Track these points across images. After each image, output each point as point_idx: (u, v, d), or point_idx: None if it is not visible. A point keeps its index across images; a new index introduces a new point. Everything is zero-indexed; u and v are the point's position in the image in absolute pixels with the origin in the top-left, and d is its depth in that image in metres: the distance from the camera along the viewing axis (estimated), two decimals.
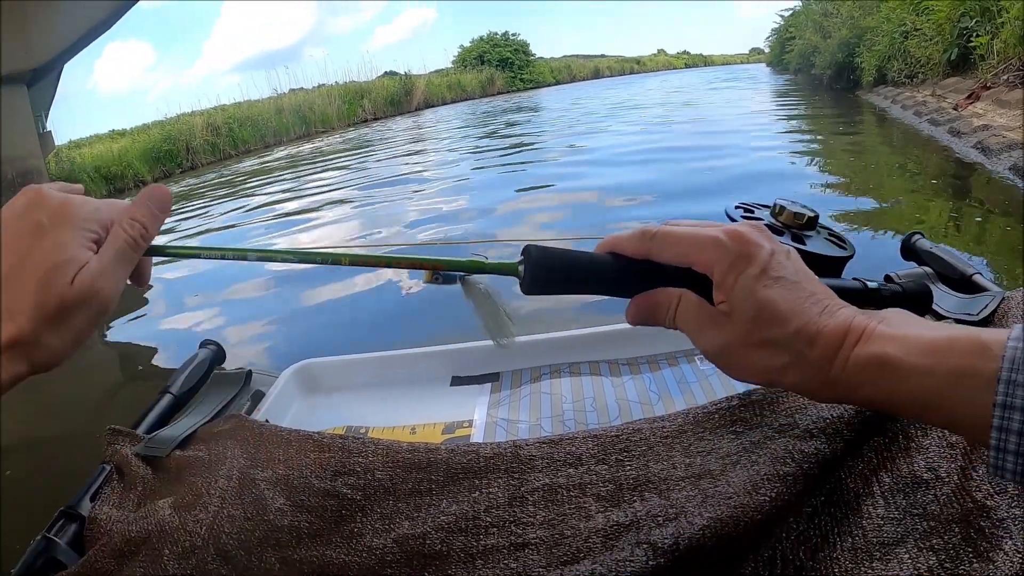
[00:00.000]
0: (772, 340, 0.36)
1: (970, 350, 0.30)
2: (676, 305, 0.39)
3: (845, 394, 0.35)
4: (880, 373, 0.33)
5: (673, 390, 0.71)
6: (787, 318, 0.35)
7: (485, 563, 0.46)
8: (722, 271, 0.37)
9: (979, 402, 0.29)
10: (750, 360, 0.37)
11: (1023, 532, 0.37)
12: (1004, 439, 0.29)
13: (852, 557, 0.42)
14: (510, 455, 0.52)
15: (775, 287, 0.36)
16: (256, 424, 0.63)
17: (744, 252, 0.37)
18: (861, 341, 0.34)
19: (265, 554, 0.52)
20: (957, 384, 0.30)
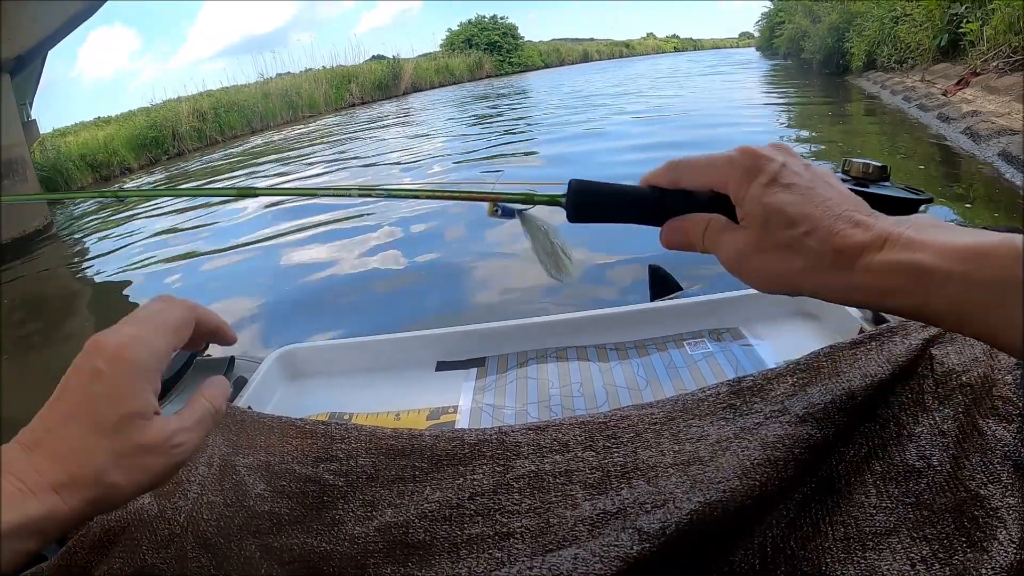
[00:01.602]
0: (783, 243, 0.36)
1: (1006, 257, 0.29)
2: (705, 229, 0.40)
3: (875, 300, 0.34)
4: (912, 281, 0.32)
5: (661, 376, 0.70)
6: (796, 221, 0.35)
7: (469, 552, 0.45)
8: (736, 185, 0.38)
9: (1014, 311, 0.28)
10: (766, 265, 0.37)
11: (1017, 521, 0.36)
12: None
13: (844, 547, 0.42)
14: (495, 441, 0.51)
15: (784, 193, 0.36)
16: (238, 411, 0.62)
17: (754, 165, 0.37)
18: (888, 246, 0.33)
19: (245, 541, 0.51)
20: (995, 293, 0.29)
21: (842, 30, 10.12)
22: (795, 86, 10.00)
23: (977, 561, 0.36)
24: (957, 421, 0.44)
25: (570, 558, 0.40)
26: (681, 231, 0.41)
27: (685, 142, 5.33)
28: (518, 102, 12.43)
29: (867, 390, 0.47)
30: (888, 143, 4.77)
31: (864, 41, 8.81)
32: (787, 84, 10.61)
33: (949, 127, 4.55)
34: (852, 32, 9.53)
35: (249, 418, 0.60)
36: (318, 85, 18.69)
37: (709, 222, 0.40)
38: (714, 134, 5.66)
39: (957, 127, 4.40)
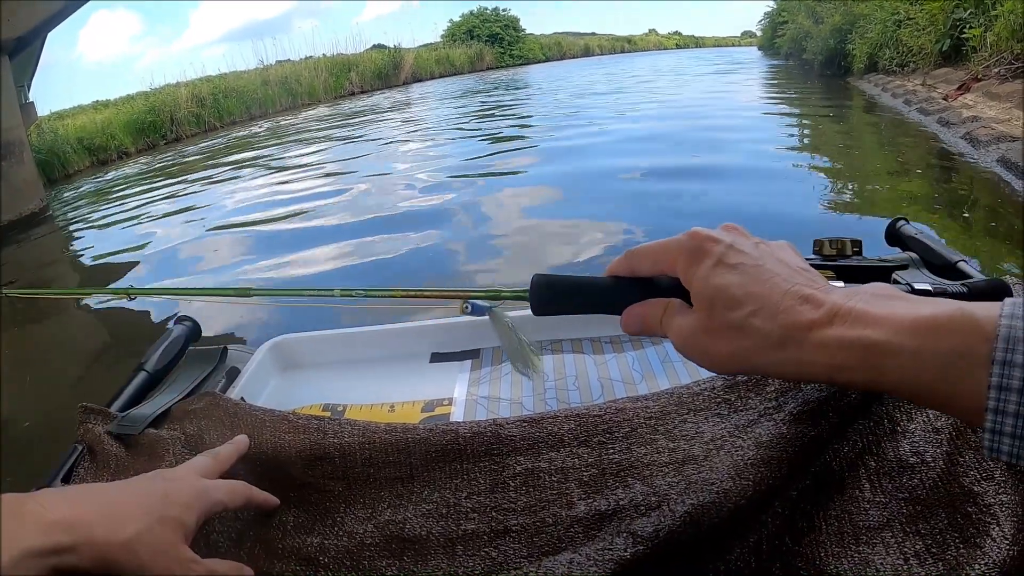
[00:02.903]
0: (731, 324, 0.35)
1: (961, 329, 0.29)
2: (663, 312, 0.40)
3: (826, 376, 0.33)
4: (863, 357, 0.31)
5: (656, 369, 0.70)
6: (742, 301, 0.35)
7: (465, 549, 0.45)
8: (684, 268, 0.38)
9: (973, 384, 0.28)
10: (715, 347, 0.37)
11: (1010, 518, 0.36)
12: (1000, 421, 0.28)
13: (838, 541, 0.42)
14: (490, 435, 0.51)
15: (729, 273, 0.36)
16: (231, 403, 0.62)
17: (700, 247, 0.38)
18: (837, 322, 0.32)
19: (241, 534, 0.52)
20: (949, 366, 0.29)
21: (844, 32, 10.10)
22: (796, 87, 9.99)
23: (970, 557, 0.36)
24: (951, 418, 0.44)
25: (565, 562, 0.41)
26: (639, 316, 0.42)
27: (685, 140, 5.34)
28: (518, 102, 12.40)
29: None
30: (888, 147, 4.77)
31: (866, 43, 8.80)
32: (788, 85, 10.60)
33: (949, 132, 4.55)
34: (854, 34, 9.52)
35: (242, 410, 0.60)
36: (318, 73, 18.63)
37: (667, 306, 0.40)
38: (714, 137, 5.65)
39: (957, 132, 4.40)
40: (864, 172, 4.00)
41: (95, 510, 0.40)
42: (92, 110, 14.95)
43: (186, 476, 0.47)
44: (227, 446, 0.53)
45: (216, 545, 0.51)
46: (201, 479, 0.47)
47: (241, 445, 0.54)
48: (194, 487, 0.46)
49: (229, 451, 0.52)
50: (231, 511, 0.51)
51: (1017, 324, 0.27)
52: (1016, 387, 0.27)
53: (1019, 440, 0.28)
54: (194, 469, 0.48)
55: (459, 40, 32.01)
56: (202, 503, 0.45)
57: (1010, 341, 0.27)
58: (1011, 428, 0.28)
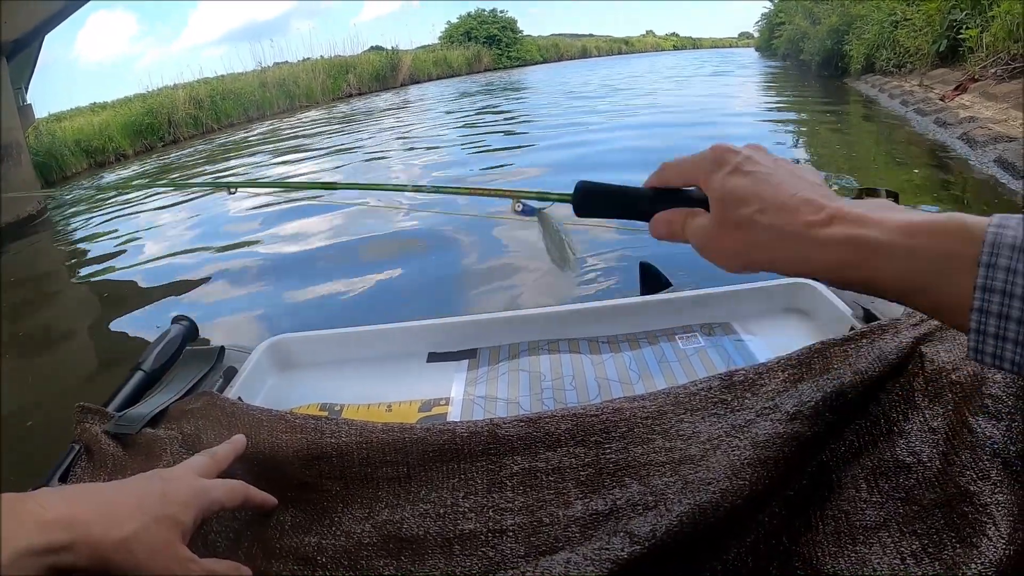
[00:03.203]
0: (739, 221, 0.38)
1: (952, 233, 0.31)
2: (685, 219, 0.43)
3: (825, 273, 0.36)
4: (860, 254, 0.33)
5: (653, 369, 0.70)
6: (748, 200, 0.38)
7: (462, 549, 0.45)
8: (704, 176, 0.41)
9: (960, 285, 0.30)
10: (725, 244, 0.40)
11: (1006, 518, 0.36)
12: (984, 321, 0.30)
13: (835, 541, 0.42)
14: (487, 435, 0.51)
15: (741, 178, 0.39)
16: (228, 403, 0.62)
17: (720, 157, 0.41)
18: (836, 222, 0.35)
19: (239, 534, 0.52)
20: (938, 266, 0.31)
21: (841, 33, 10.12)
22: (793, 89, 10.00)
23: (966, 556, 0.36)
24: (947, 418, 0.44)
25: (562, 562, 0.41)
26: (664, 222, 0.44)
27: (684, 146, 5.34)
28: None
29: (858, 387, 0.48)
30: (885, 148, 4.78)
31: (863, 44, 8.82)
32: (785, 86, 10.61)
33: (946, 132, 4.56)
34: (851, 35, 9.53)
35: (239, 410, 0.60)
36: (315, 75, 18.61)
37: (689, 213, 0.43)
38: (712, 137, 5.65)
39: (954, 132, 4.41)
40: (861, 173, 4.00)
41: (92, 509, 0.40)
42: (90, 112, 14.90)
43: (184, 475, 0.47)
44: (224, 446, 0.53)
45: (214, 544, 0.51)
46: (199, 478, 0.47)
47: (238, 445, 0.54)
48: (192, 486, 0.46)
49: (226, 451, 0.52)
50: (229, 510, 0.51)
51: (1004, 232, 0.29)
52: (999, 288, 0.29)
53: (1002, 341, 0.29)
54: (192, 468, 0.48)
55: (457, 42, 31.99)
56: (200, 502, 0.45)
57: (996, 246, 0.29)
58: (994, 329, 0.29)
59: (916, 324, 0.53)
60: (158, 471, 0.48)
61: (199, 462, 0.49)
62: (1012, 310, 0.29)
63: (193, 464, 0.49)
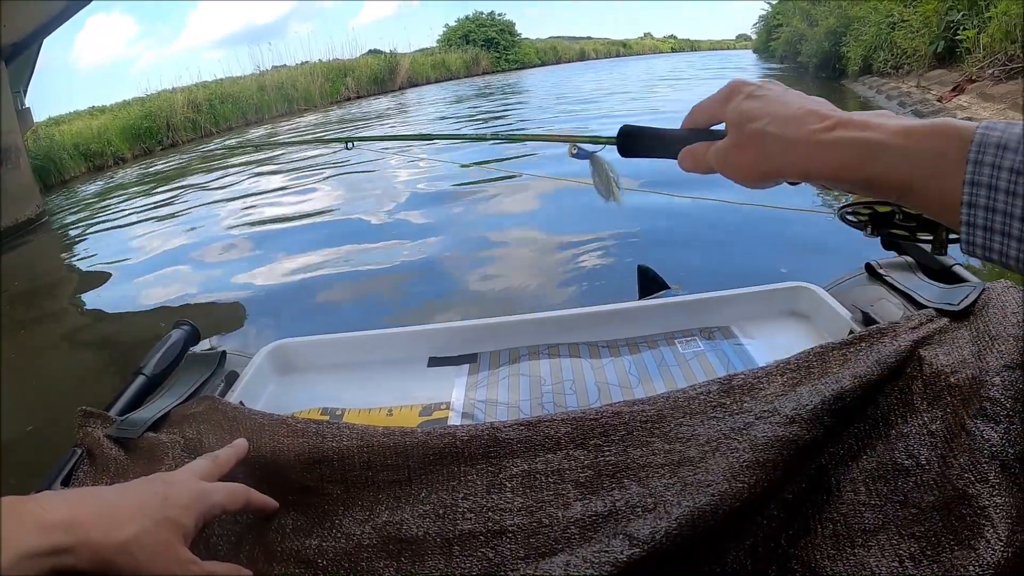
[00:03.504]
0: (751, 135, 0.42)
1: (944, 134, 0.33)
2: (708, 149, 0.46)
3: (831, 175, 0.39)
4: (862, 155, 0.36)
5: (653, 373, 0.70)
6: (759, 116, 0.41)
7: (462, 550, 0.45)
8: (721, 107, 0.45)
9: (951, 181, 0.32)
10: (741, 158, 0.43)
11: (1004, 520, 0.37)
12: (973, 214, 0.32)
13: (833, 543, 0.42)
14: (487, 438, 0.51)
15: (752, 100, 0.43)
16: (229, 407, 0.62)
17: (735, 88, 0.45)
18: (839, 127, 0.38)
19: (240, 537, 0.52)
20: (932, 164, 0.34)
21: (839, 34, 10.12)
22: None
23: (965, 559, 0.37)
24: (945, 421, 0.44)
25: (562, 564, 0.41)
26: (689, 153, 0.48)
27: None
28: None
29: (856, 390, 0.48)
30: None
31: (860, 46, 8.82)
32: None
33: None
34: (849, 37, 9.54)
35: (241, 414, 0.60)
36: (314, 78, 18.61)
37: (710, 144, 0.46)
38: None
39: None
40: None
41: (94, 511, 0.41)
42: (88, 115, 14.90)
43: (185, 479, 0.47)
44: (226, 449, 0.53)
45: (215, 547, 0.51)
46: (200, 482, 0.48)
47: (240, 449, 0.54)
48: (193, 489, 0.46)
49: (228, 454, 0.52)
50: (230, 514, 0.51)
51: (990, 133, 0.31)
52: (985, 183, 0.31)
53: (989, 232, 0.32)
54: (193, 472, 0.49)
55: (455, 45, 31.97)
56: (201, 505, 0.45)
57: (983, 145, 0.31)
58: (982, 221, 0.32)
59: (915, 328, 0.53)
60: (160, 475, 0.48)
61: (201, 466, 0.50)
62: (997, 203, 0.31)
63: (195, 468, 0.49)
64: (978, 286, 0.58)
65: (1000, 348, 0.46)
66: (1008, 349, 0.45)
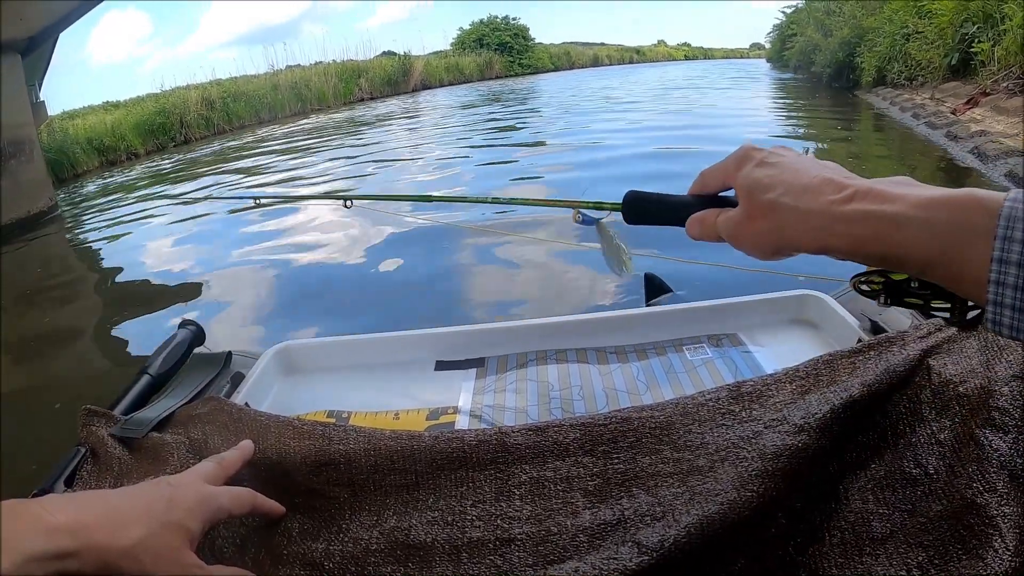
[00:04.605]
0: (765, 206, 0.40)
1: (968, 206, 0.32)
2: (717, 217, 0.45)
3: (849, 248, 0.37)
4: (882, 228, 0.35)
5: (661, 380, 0.70)
6: (774, 186, 0.40)
7: (470, 557, 0.45)
8: (733, 173, 0.44)
9: (977, 257, 0.31)
10: (754, 229, 0.42)
11: (1013, 530, 0.36)
12: (1001, 293, 0.31)
13: (841, 552, 0.42)
14: (495, 443, 0.51)
15: (765, 168, 0.41)
16: (235, 408, 0.62)
17: (746, 154, 0.43)
18: (858, 199, 0.36)
19: (246, 540, 0.52)
20: (956, 239, 0.32)
21: (853, 45, 10.08)
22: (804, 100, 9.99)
23: (973, 568, 0.36)
24: (954, 431, 0.44)
25: (570, 571, 0.41)
26: (698, 221, 0.47)
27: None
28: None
29: (865, 399, 0.48)
30: (896, 161, 4.75)
31: (874, 57, 8.78)
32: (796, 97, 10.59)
33: (957, 146, 4.54)
34: (863, 47, 9.50)
35: (246, 415, 0.60)
36: (327, 79, 18.69)
37: (720, 211, 0.45)
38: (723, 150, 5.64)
39: (965, 146, 4.39)
40: None
41: (99, 515, 0.41)
42: (102, 110, 15.01)
43: (191, 482, 0.47)
44: (232, 452, 0.53)
45: (221, 551, 0.51)
46: (206, 485, 0.48)
47: (246, 451, 0.54)
48: (199, 493, 0.46)
49: (234, 457, 0.52)
50: (236, 518, 0.51)
51: (1018, 205, 0.30)
52: (1015, 260, 0.30)
53: (1019, 312, 0.30)
54: (199, 475, 0.49)
55: (469, 48, 32.07)
56: (207, 509, 0.45)
57: (1011, 219, 0.30)
58: (1011, 300, 0.30)
59: (923, 336, 0.53)
60: (165, 478, 0.48)
61: (206, 468, 0.50)
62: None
63: (200, 470, 0.49)
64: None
65: (1009, 358, 0.46)
66: (1016, 359, 0.45)
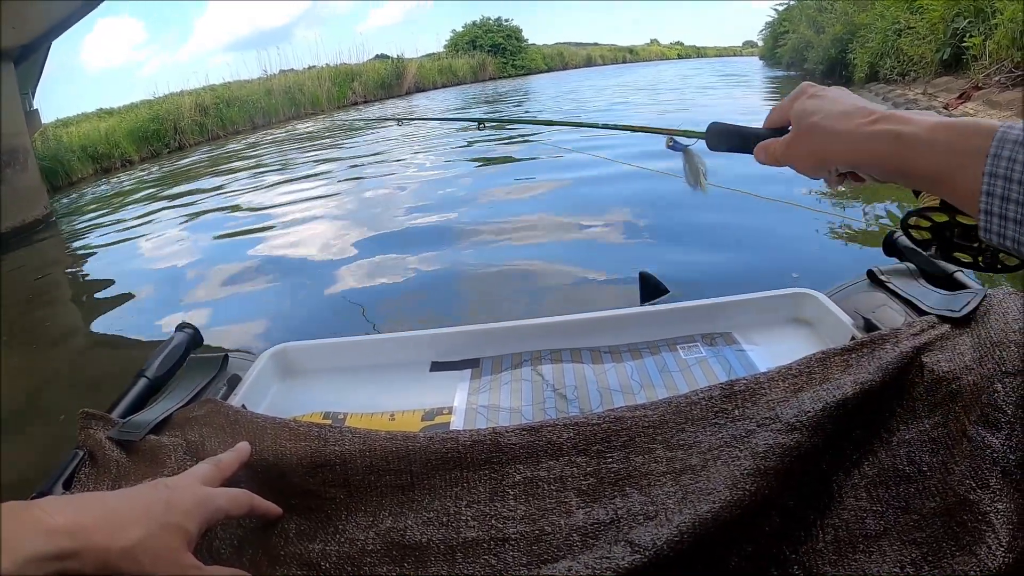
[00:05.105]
0: (807, 127, 0.49)
1: (968, 129, 0.38)
2: (775, 143, 0.53)
3: (870, 160, 0.44)
4: (897, 146, 0.41)
5: (655, 379, 0.70)
6: (817, 111, 0.48)
7: (465, 557, 0.45)
8: (788, 106, 0.52)
9: (973, 173, 0.36)
10: (799, 147, 0.50)
11: (1006, 526, 0.37)
12: (990, 203, 0.36)
13: (835, 549, 0.42)
14: (490, 443, 0.51)
15: (810, 100, 0.50)
16: (231, 410, 0.62)
17: (802, 90, 0.52)
18: (880, 121, 0.43)
19: (243, 541, 0.52)
20: (957, 157, 0.38)
21: (845, 41, 10.10)
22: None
23: (966, 564, 0.37)
24: (947, 428, 0.44)
25: (564, 570, 0.41)
26: (762, 148, 0.55)
27: None
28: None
29: (858, 396, 0.48)
30: None
31: (867, 53, 8.80)
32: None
33: None
34: (855, 43, 9.52)
35: (243, 417, 0.60)
36: (321, 82, 18.68)
37: (779, 139, 0.53)
38: None
39: None
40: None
41: (98, 516, 0.41)
42: (96, 118, 14.98)
43: (189, 484, 0.47)
44: (229, 453, 0.53)
45: (218, 552, 0.51)
46: (203, 487, 0.48)
47: (243, 452, 0.54)
48: (196, 495, 0.46)
49: (231, 458, 0.53)
50: (233, 519, 0.51)
51: (1010, 130, 0.35)
52: (1002, 174, 0.35)
53: (1004, 220, 0.35)
54: (196, 477, 0.49)
55: (462, 50, 32.06)
56: (204, 511, 0.46)
57: (1002, 140, 0.35)
58: (998, 209, 0.36)
59: (916, 334, 0.53)
60: (163, 479, 0.48)
61: (203, 470, 0.50)
62: (1012, 192, 0.35)
63: (198, 472, 0.49)
64: (979, 293, 0.58)
65: (1001, 355, 0.46)
66: (1009, 356, 0.45)
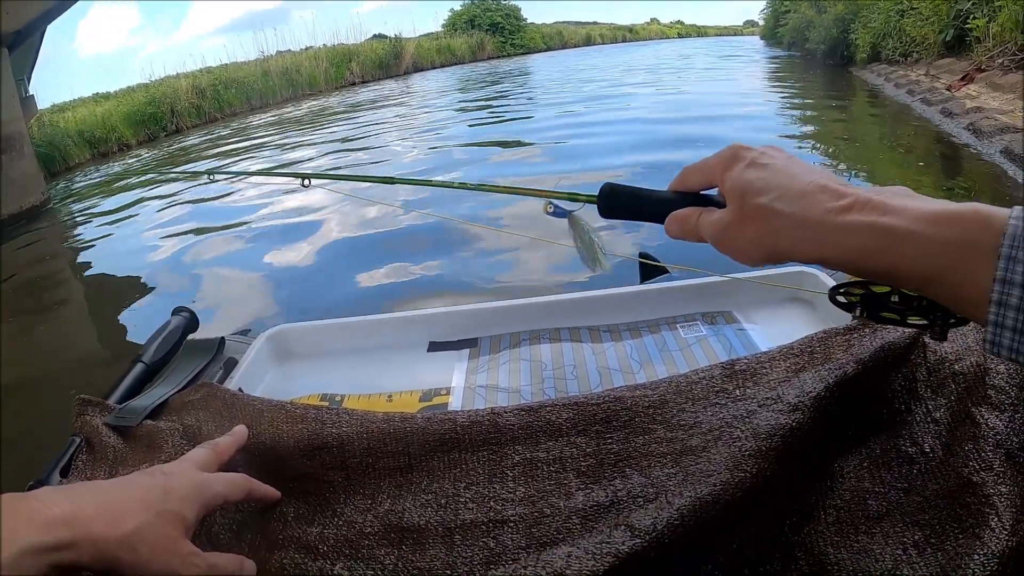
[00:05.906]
0: (756, 209, 0.38)
1: (972, 222, 0.30)
2: (698, 216, 0.43)
3: (845, 259, 0.35)
4: (882, 242, 0.33)
5: (655, 358, 0.70)
6: (766, 190, 0.38)
7: (463, 539, 0.45)
8: (720, 174, 0.41)
9: (979, 276, 0.30)
10: (744, 234, 0.39)
11: (1009, 509, 0.36)
12: (1002, 314, 0.29)
13: (837, 531, 0.42)
14: (488, 424, 0.51)
15: (757, 171, 0.39)
16: (228, 394, 0.62)
17: (735, 154, 0.41)
18: (857, 209, 0.34)
19: (242, 526, 0.52)
20: (958, 257, 0.31)
21: (847, 21, 10.03)
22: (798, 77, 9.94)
23: (969, 547, 0.36)
24: (950, 409, 0.44)
25: (563, 556, 0.41)
26: (678, 220, 0.44)
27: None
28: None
29: (860, 377, 0.47)
30: (890, 138, 4.74)
31: (869, 33, 8.74)
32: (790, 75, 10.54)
33: (952, 123, 4.53)
34: (857, 24, 9.45)
35: (239, 400, 0.59)
36: (318, 63, 18.56)
37: (702, 211, 0.43)
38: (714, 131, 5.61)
39: (960, 123, 4.38)
40: (866, 163, 3.98)
41: (95, 506, 0.41)
42: (92, 103, 14.87)
43: (185, 470, 0.47)
44: (226, 438, 0.53)
45: (217, 537, 0.51)
46: (200, 473, 0.47)
47: (240, 436, 0.54)
48: (193, 481, 0.46)
49: (228, 443, 0.52)
50: (231, 504, 0.51)
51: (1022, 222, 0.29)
52: (1018, 282, 0.28)
53: (1019, 334, 0.29)
54: (193, 462, 0.48)
55: (460, 29, 31.81)
56: (201, 497, 0.45)
57: (1016, 239, 0.28)
58: (1012, 322, 0.29)
59: None
60: (160, 466, 0.48)
61: (200, 455, 0.49)
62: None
63: (194, 458, 0.49)
64: None
65: None
66: None
